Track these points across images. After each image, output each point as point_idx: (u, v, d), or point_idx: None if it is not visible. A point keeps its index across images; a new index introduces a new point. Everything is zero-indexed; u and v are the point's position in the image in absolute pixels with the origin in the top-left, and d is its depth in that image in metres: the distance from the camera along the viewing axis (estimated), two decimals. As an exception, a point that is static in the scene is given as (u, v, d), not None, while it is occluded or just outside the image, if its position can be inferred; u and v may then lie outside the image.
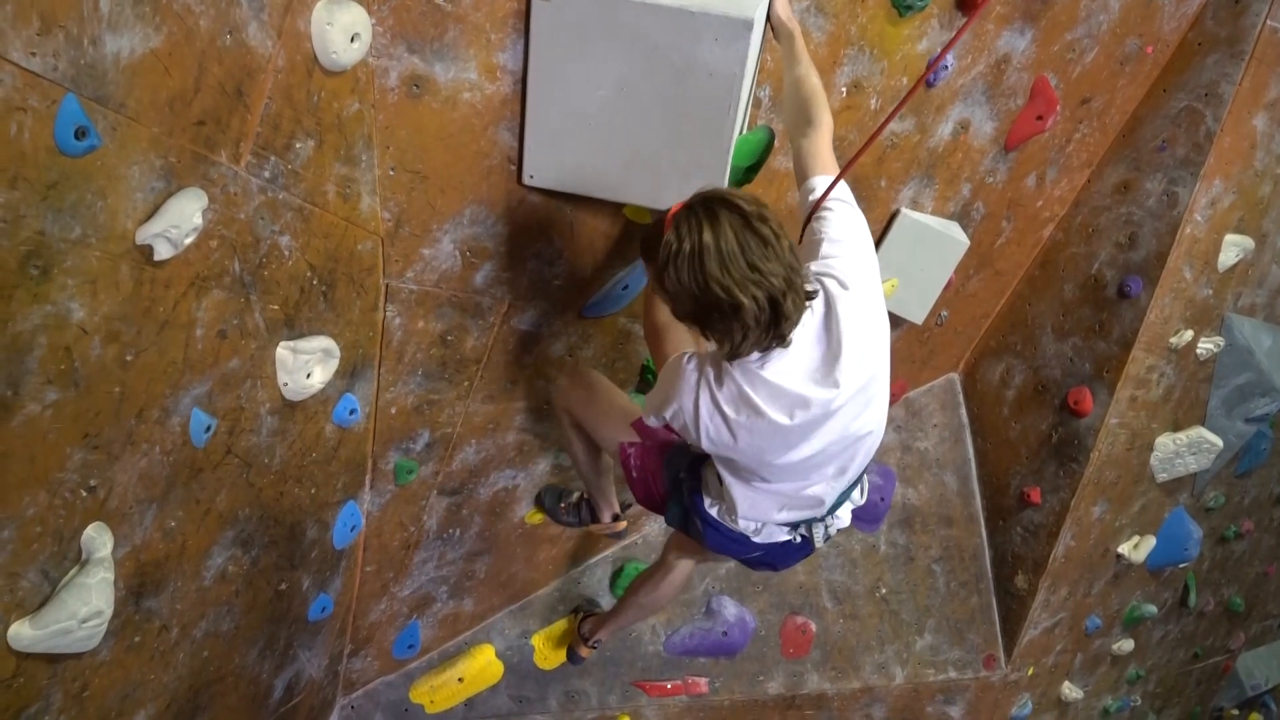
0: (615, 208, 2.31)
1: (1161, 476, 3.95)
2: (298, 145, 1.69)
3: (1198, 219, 3.35)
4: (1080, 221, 3.58)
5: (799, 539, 1.95)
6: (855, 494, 1.95)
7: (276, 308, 1.79)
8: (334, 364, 1.99)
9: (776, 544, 1.95)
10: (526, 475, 2.87)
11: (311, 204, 1.79)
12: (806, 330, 1.59)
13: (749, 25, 1.82)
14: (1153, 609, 4.42)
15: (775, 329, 1.49)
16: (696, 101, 1.93)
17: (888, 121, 1.82)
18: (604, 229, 2.35)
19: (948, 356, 3.93)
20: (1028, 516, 3.84)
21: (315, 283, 1.88)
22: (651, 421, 1.80)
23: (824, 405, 1.61)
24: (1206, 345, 3.73)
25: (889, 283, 3.02)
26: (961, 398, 4.02)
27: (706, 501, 1.95)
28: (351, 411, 2.18)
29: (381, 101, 1.88)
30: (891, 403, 3.80)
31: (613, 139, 2.01)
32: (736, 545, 1.96)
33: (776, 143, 2.44)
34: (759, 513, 1.85)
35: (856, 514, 3.70)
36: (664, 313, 1.80)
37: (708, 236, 1.43)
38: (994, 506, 3.98)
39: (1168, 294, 3.43)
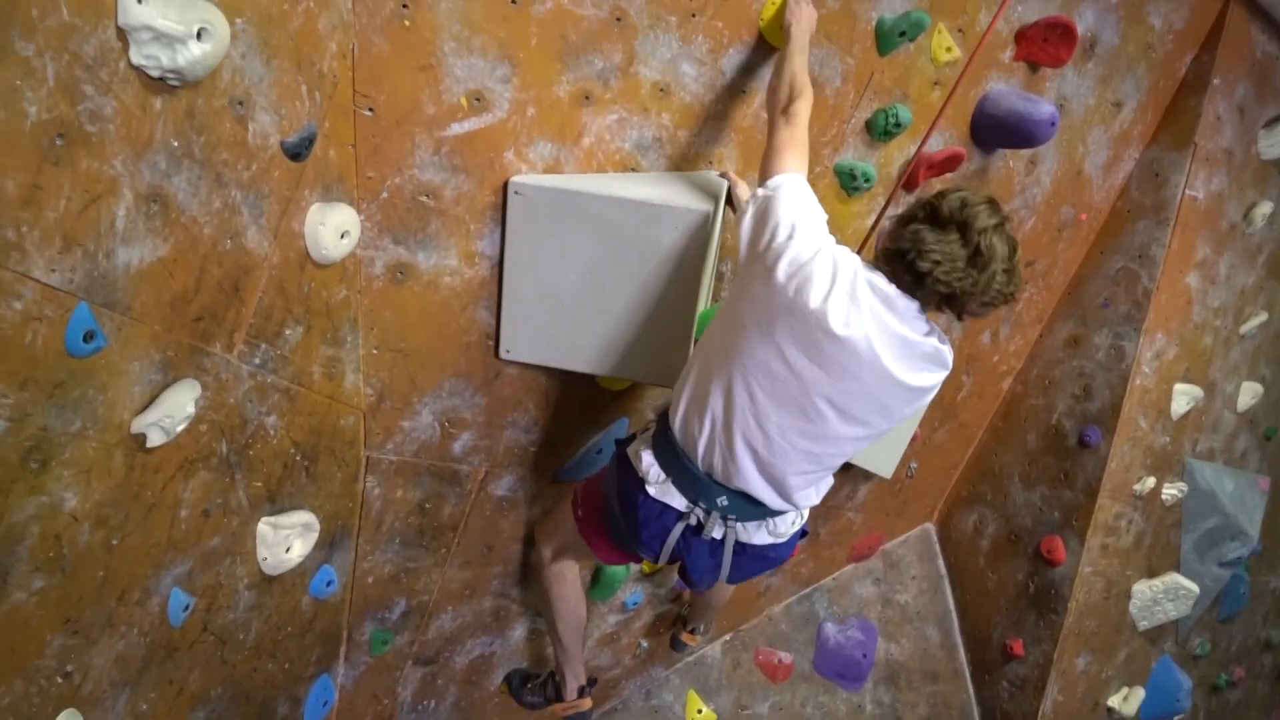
0: (588, 378, 2.43)
1: (1143, 624, 3.95)
2: (287, 332, 1.80)
3: (1146, 370, 3.52)
4: (1037, 374, 3.75)
5: (698, 524, 1.90)
6: (782, 523, 1.94)
7: (260, 484, 1.85)
8: (314, 537, 2.04)
9: (676, 524, 1.89)
10: (503, 642, 2.85)
11: (298, 385, 1.89)
12: (917, 324, 1.71)
13: (706, 215, 2.00)
14: (1152, 766, 4.30)
15: (932, 281, 1.65)
16: (661, 282, 2.09)
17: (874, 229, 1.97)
18: (578, 398, 2.46)
19: (921, 507, 3.99)
20: (1013, 670, 3.80)
21: (298, 459, 1.96)
22: (783, 181, 1.77)
23: (869, 369, 1.68)
24: (1171, 491, 3.82)
25: (856, 439, 3.12)
26: (938, 548, 4.06)
27: (633, 444, 1.97)
28: (329, 583, 2.20)
29: (367, 288, 2.02)
30: (868, 554, 3.86)
31: (584, 316, 2.15)
32: (637, 509, 1.92)
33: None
34: (690, 414, 1.83)
35: (840, 672, 3.64)
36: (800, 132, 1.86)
37: (997, 217, 1.66)
38: (978, 660, 3.94)
39: (1126, 442, 3.55)
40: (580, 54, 2.03)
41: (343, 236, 1.84)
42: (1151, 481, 3.69)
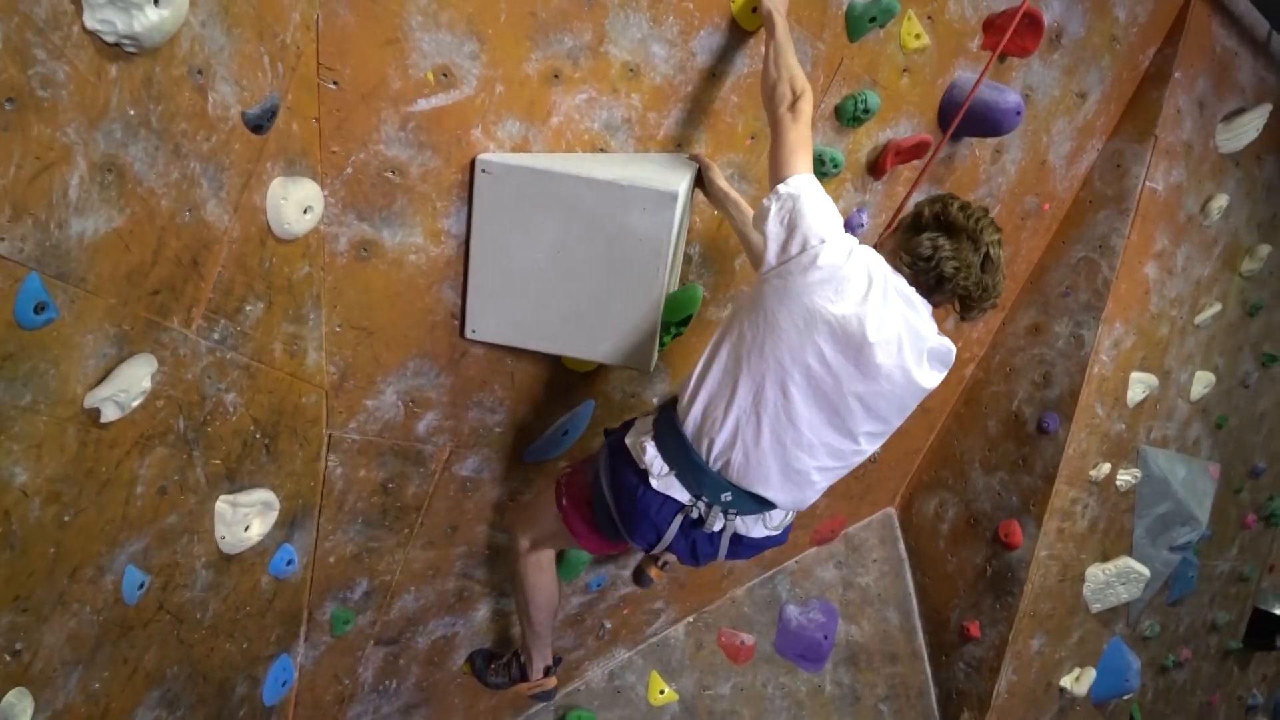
0: (554, 359, 2.42)
1: (1095, 607, 4.05)
2: (248, 308, 1.78)
3: (1104, 359, 3.59)
4: (998, 361, 3.81)
5: (699, 516, 1.93)
6: (777, 516, 2.00)
7: (218, 462, 1.82)
8: (273, 515, 2.02)
9: (675, 515, 1.93)
10: (466, 623, 2.85)
11: (258, 361, 1.86)
12: (931, 324, 1.83)
13: (674, 197, 2.00)
14: (1101, 744, 4.43)
15: (952, 286, 1.79)
16: (628, 263, 2.08)
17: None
18: (544, 378, 2.46)
19: (883, 492, 4.04)
20: (969, 651, 3.88)
21: (258, 436, 1.93)
22: (800, 183, 1.82)
23: (899, 371, 1.79)
24: (1125, 477, 3.91)
25: (820, 423, 3.15)
26: (899, 532, 4.12)
27: (630, 437, 2.00)
28: (289, 562, 2.18)
29: (331, 264, 1.99)
30: (831, 538, 3.90)
31: (550, 297, 2.14)
32: (635, 501, 1.94)
33: (706, 295, 2.61)
34: (710, 414, 1.86)
35: (801, 653, 3.69)
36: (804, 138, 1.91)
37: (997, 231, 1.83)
38: (936, 642, 4.01)
39: (1083, 429, 3.62)
40: (550, 32, 2.01)
41: (305, 211, 1.81)
42: (1107, 468, 3.77)
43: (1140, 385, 3.78)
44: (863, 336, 1.75)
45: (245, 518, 1.92)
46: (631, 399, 2.70)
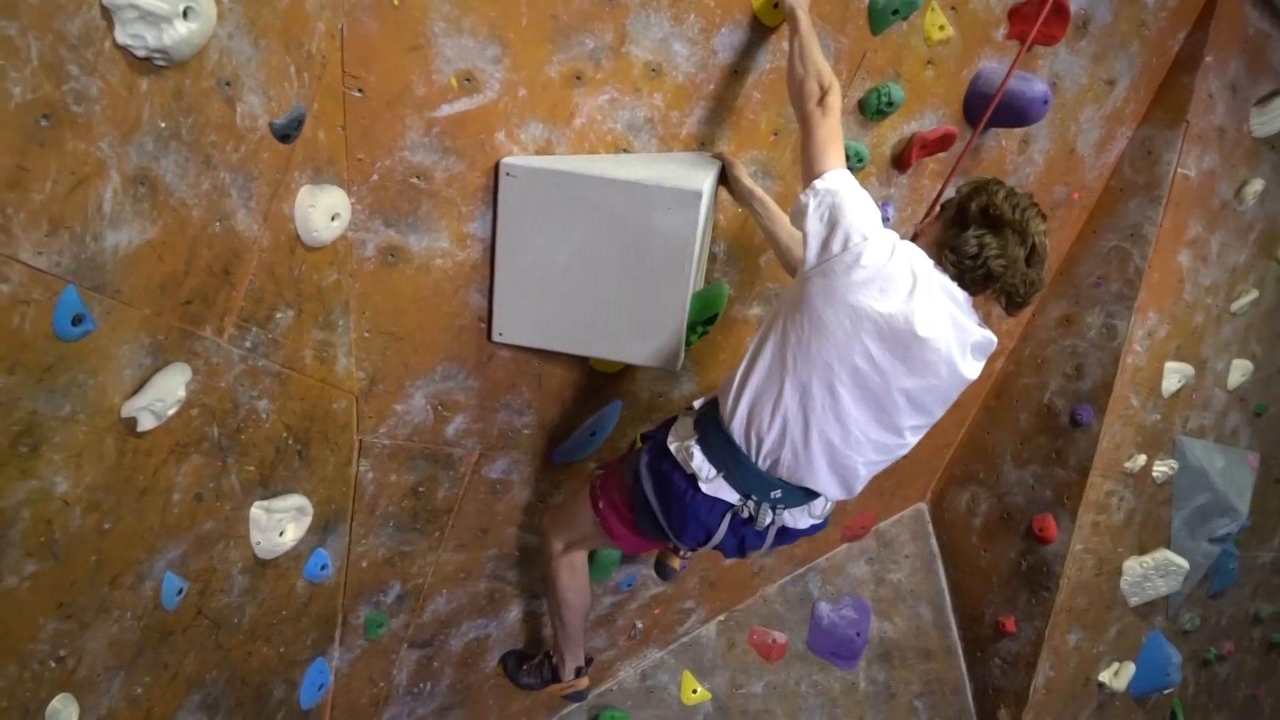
0: (581, 360, 2.42)
1: (1134, 600, 3.98)
2: (278, 316, 1.79)
3: (1137, 349, 3.54)
4: (1029, 353, 3.76)
5: (749, 515, 1.95)
6: (820, 504, 2.01)
7: (252, 469, 1.85)
8: (307, 521, 2.04)
9: (725, 514, 1.95)
10: (499, 624, 2.86)
11: (289, 369, 1.88)
12: (973, 315, 1.83)
13: (699, 195, 1.99)
14: (1142, 739, 4.36)
15: (999, 283, 1.79)
16: (653, 263, 2.08)
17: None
18: (571, 379, 2.46)
19: (914, 487, 4.01)
20: (1005, 647, 3.83)
21: (291, 442, 1.95)
22: (837, 176, 1.82)
23: (946, 366, 1.79)
24: (1161, 468, 3.85)
25: (849, 419, 3.13)
26: (931, 527, 4.08)
27: (673, 444, 1.98)
28: (323, 566, 2.20)
29: (359, 271, 2.01)
30: (862, 534, 3.88)
31: (576, 298, 2.14)
32: (684, 504, 1.95)
33: (732, 293, 2.60)
34: (756, 418, 1.86)
35: (834, 651, 3.65)
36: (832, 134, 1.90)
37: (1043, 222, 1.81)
38: (971, 637, 3.97)
39: (1117, 421, 3.57)
40: (571, 34, 2.01)
41: (333, 219, 1.82)
42: (1142, 459, 3.71)
43: (1175, 375, 3.71)
44: (911, 333, 1.73)
45: (280, 523, 1.94)
46: (659, 399, 2.70)
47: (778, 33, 2.28)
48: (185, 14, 1.30)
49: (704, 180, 2.05)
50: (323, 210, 1.78)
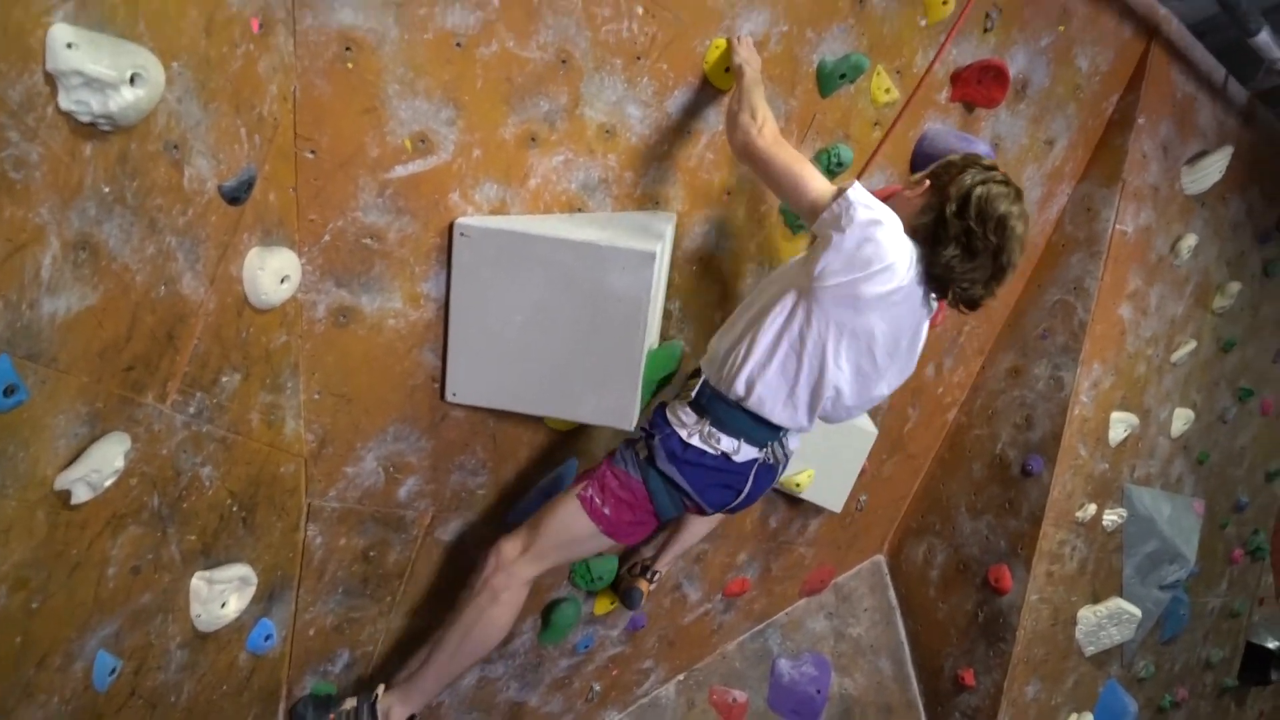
0: (536, 418, 2.40)
1: (1089, 650, 4.02)
2: (224, 379, 1.75)
3: (1084, 400, 3.62)
4: (980, 404, 3.83)
5: (770, 459, 2.12)
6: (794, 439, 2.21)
7: (194, 538, 1.78)
8: (251, 590, 1.96)
9: (753, 469, 2.10)
10: (451, 692, 2.77)
11: (235, 433, 1.83)
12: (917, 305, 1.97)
13: (652, 256, 2.00)
14: (1102, 790, 4.36)
15: (956, 294, 1.94)
16: (608, 323, 2.08)
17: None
18: (526, 439, 2.43)
19: (871, 539, 4.02)
20: (965, 700, 3.83)
21: (235, 509, 1.89)
22: (853, 199, 1.84)
23: (918, 325, 2.01)
24: (1111, 517, 3.91)
25: (805, 473, 3.14)
26: (889, 579, 4.09)
27: (684, 433, 2.05)
28: (267, 637, 2.12)
29: (309, 332, 1.97)
30: (820, 588, 3.86)
31: (531, 358, 2.13)
32: (720, 477, 2.08)
33: (688, 350, 2.61)
34: (786, 399, 2.02)
35: (795, 709, 3.60)
36: (800, 162, 1.98)
37: (1014, 202, 1.88)
38: (931, 691, 3.96)
39: (1067, 470, 3.63)
40: (526, 96, 2.03)
41: (283, 281, 1.79)
42: (1093, 508, 3.77)
43: (1121, 424, 3.80)
44: (910, 339, 2.02)
45: (222, 594, 1.87)
46: (616, 456, 2.68)
47: (728, 95, 2.33)
48: (132, 80, 1.28)
49: (657, 241, 2.06)
50: (272, 272, 1.75)
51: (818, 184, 1.92)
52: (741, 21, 2.26)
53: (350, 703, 2.13)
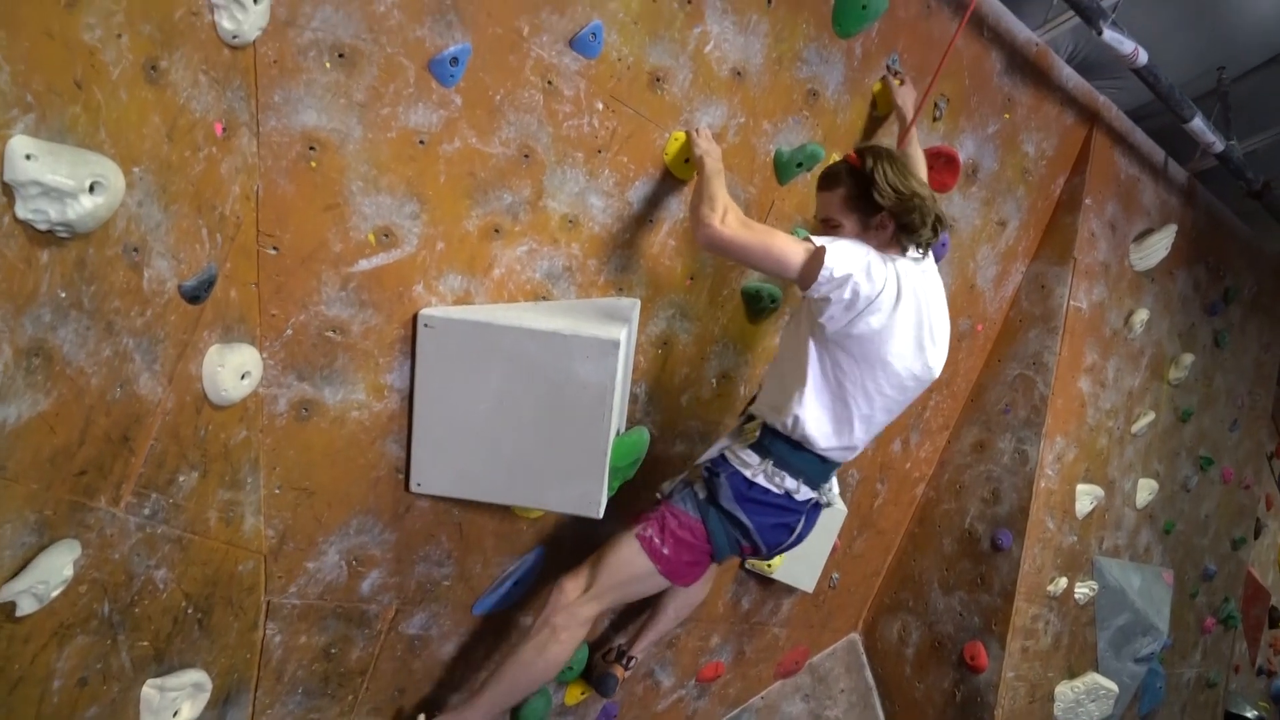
0: (503, 508, 2.37)
1: (1068, 727, 3.96)
2: (181, 479, 1.72)
3: (1049, 473, 3.65)
4: (948, 479, 3.84)
5: (821, 500, 2.27)
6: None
7: (146, 643, 1.72)
8: (205, 696, 1.89)
9: (807, 509, 2.23)
10: (418, 791, 2.67)
11: (191, 533, 1.79)
12: (929, 266, 2.13)
13: (616, 345, 2.02)
14: None
15: (935, 232, 2.07)
16: (573, 411, 2.08)
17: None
18: (492, 528, 2.40)
19: (845, 617, 3.97)
20: (946, 784, 3.74)
21: (190, 611, 1.83)
22: (833, 271, 1.94)
23: (933, 332, 2.09)
24: (1083, 590, 3.91)
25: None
26: (864, 658, 4.03)
27: (749, 473, 2.15)
28: (223, 744, 2.04)
29: (269, 426, 1.95)
30: (795, 669, 3.80)
31: (496, 447, 2.12)
32: (781, 515, 2.19)
33: (655, 433, 2.61)
34: (841, 428, 2.14)
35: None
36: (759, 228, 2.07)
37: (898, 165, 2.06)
38: (912, 775, 3.87)
39: (1036, 544, 3.64)
40: (489, 189, 2.07)
41: (243, 377, 1.78)
42: (1064, 582, 3.77)
43: (1087, 496, 3.83)
44: (935, 315, 2.13)
45: (174, 702, 1.80)
46: (584, 543, 2.64)
47: (689, 184, 2.39)
48: (91, 188, 1.29)
49: (621, 328, 2.08)
50: (232, 369, 1.74)
51: (793, 252, 2.00)
52: (699, 115, 2.34)
53: None
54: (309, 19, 1.72)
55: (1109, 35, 2.85)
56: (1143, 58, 2.98)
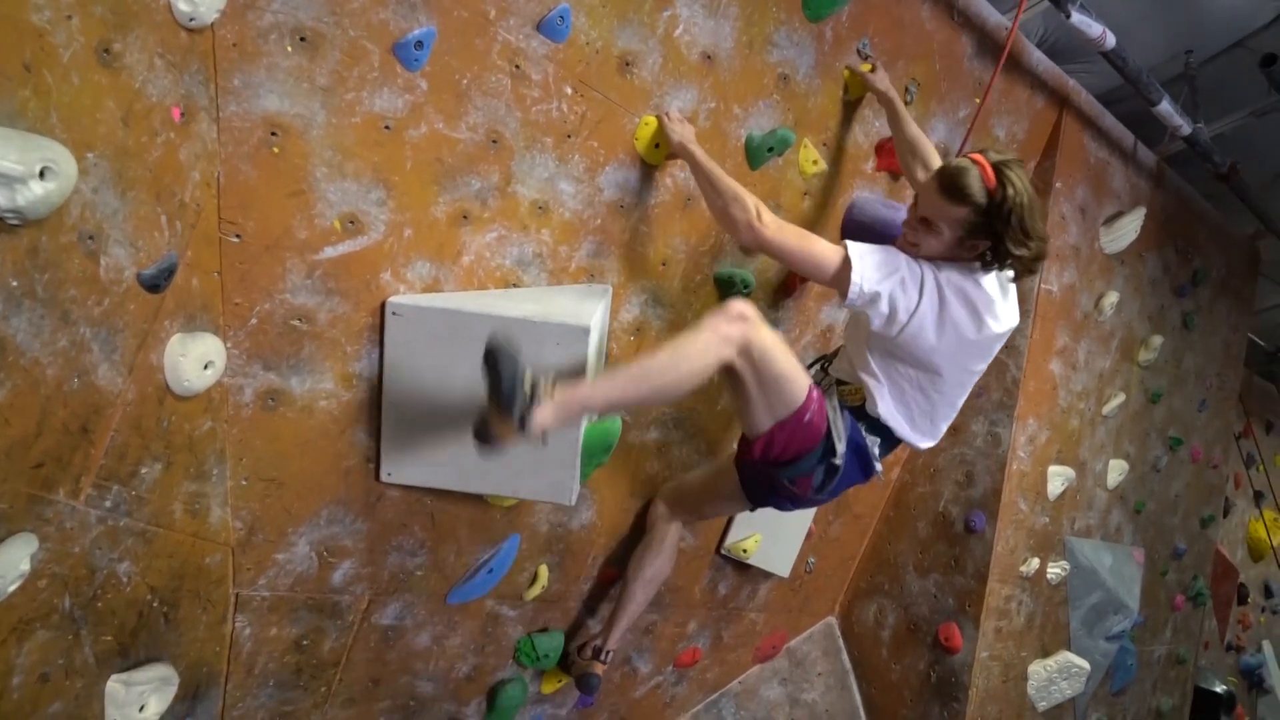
0: (476, 496, 2.36)
1: (1041, 705, 4.02)
2: (144, 471, 1.69)
3: (1021, 455, 3.68)
4: (922, 462, 3.87)
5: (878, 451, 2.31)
6: None
7: (110, 638, 1.70)
8: (172, 690, 1.87)
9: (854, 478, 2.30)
10: (394, 781, 2.66)
11: (156, 526, 1.76)
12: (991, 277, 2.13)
13: (586, 330, 2.01)
14: None
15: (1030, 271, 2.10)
16: (545, 398, 2.06)
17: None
18: (465, 516, 2.39)
19: (822, 601, 4.00)
20: (922, 763, 3.78)
21: (156, 605, 1.81)
22: (862, 287, 1.98)
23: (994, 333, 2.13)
24: (1055, 570, 3.96)
25: (752, 539, 3.13)
26: (841, 642, 4.06)
27: (867, 442, 2.23)
28: (193, 738, 2.02)
29: (235, 417, 1.93)
30: (773, 654, 3.82)
31: (466, 436, 2.09)
32: (850, 477, 2.27)
33: (628, 419, 2.60)
34: (917, 422, 2.26)
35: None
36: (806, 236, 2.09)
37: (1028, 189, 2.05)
38: (888, 755, 3.91)
39: (1009, 525, 3.68)
40: (457, 175, 2.05)
41: (206, 367, 1.76)
42: (1036, 562, 3.81)
43: (1059, 478, 3.87)
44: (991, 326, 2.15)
45: (140, 696, 1.78)
46: (559, 529, 2.64)
47: (660, 169, 2.37)
48: (42, 174, 1.26)
49: (591, 315, 2.07)
50: (195, 359, 1.72)
51: (829, 260, 2.04)
52: (670, 99, 2.33)
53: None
54: (269, 1, 1.69)
55: (1077, 18, 2.87)
56: (1110, 41, 3.00)
